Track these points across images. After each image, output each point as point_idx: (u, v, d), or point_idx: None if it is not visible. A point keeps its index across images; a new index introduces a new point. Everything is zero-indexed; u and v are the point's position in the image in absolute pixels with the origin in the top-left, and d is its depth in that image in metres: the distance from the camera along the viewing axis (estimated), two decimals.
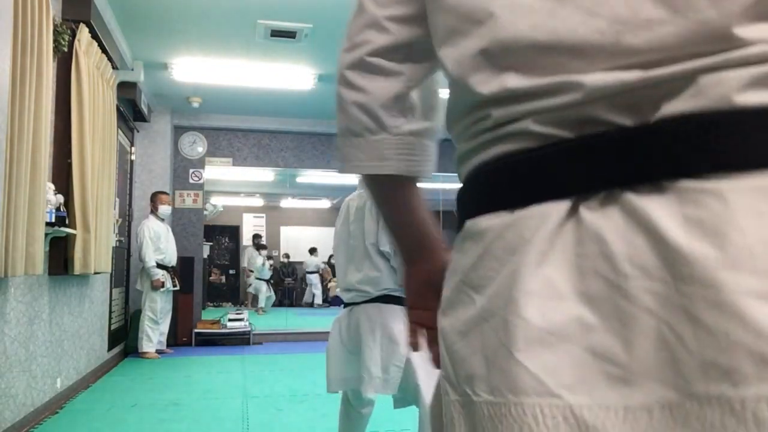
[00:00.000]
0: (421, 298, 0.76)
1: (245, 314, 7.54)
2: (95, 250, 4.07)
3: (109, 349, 5.49)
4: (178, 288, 6.31)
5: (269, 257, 12.58)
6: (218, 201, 12.20)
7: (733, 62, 0.42)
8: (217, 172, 8.07)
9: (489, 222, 0.52)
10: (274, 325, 8.76)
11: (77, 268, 3.85)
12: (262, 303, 11.81)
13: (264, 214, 14.39)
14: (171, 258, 6.19)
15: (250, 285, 12.35)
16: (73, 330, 4.24)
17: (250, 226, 14.09)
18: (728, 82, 0.42)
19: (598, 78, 0.46)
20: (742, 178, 0.41)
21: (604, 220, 0.45)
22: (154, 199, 6.18)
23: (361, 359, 2.22)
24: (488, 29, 0.51)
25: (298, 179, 10.46)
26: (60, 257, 3.78)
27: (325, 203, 13.54)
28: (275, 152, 7.42)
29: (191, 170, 7.22)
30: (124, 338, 6.15)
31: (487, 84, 0.51)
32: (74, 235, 3.80)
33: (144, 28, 4.74)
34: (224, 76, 5.66)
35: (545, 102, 0.48)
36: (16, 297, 3.17)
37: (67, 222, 3.70)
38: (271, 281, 12.33)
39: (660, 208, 0.43)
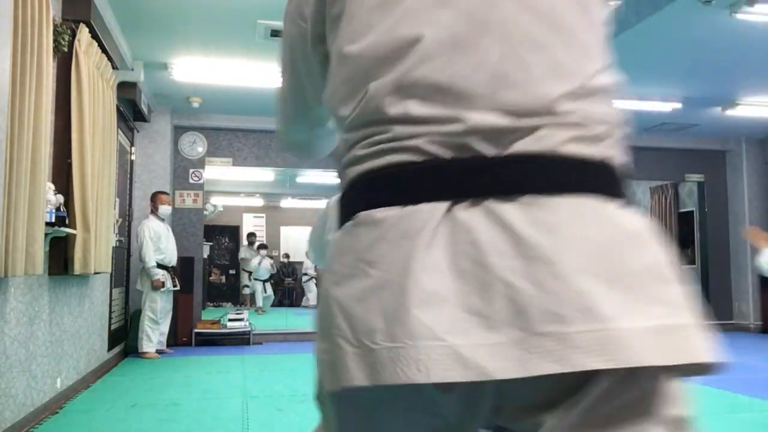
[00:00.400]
0: None
1: (245, 314, 7.54)
2: (95, 250, 4.07)
3: (109, 349, 5.49)
4: (178, 288, 6.31)
5: (270, 256, 12.55)
6: (218, 201, 12.19)
7: (559, 123, 0.65)
8: (217, 172, 8.07)
9: (385, 213, 0.67)
10: (274, 325, 8.76)
11: (77, 268, 3.85)
12: (259, 303, 11.80)
13: (264, 214, 14.38)
14: (171, 258, 6.18)
15: (246, 285, 12.34)
16: (73, 330, 4.24)
17: (250, 226, 14.08)
18: (556, 137, 0.65)
19: (477, 117, 0.65)
20: (564, 197, 0.64)
21: (471, 218, 0.63)
22: (154, 199, 6.18)
23: None
24: (402, 67, 0.68)
25: (298, 179, 10.46)
26: (60, 257, 3.78)
27: (325, 203, 13.50)
28: (275, 152, 7.41)
29: (191, 170, 7.22)
30: (124, 338, 6.15)
31: (394, 107, 0.68)
32: (74, 235, 3.79)
33: (144, 28, 4.74)
34: (224, 76, 5.66)
35: (436, 128, 0.66)
36: (16, 297, 3.17)
37: (67, 222, 3.69)
38: (271, 281, 12.32)
39: (512, 212, 0.63)
